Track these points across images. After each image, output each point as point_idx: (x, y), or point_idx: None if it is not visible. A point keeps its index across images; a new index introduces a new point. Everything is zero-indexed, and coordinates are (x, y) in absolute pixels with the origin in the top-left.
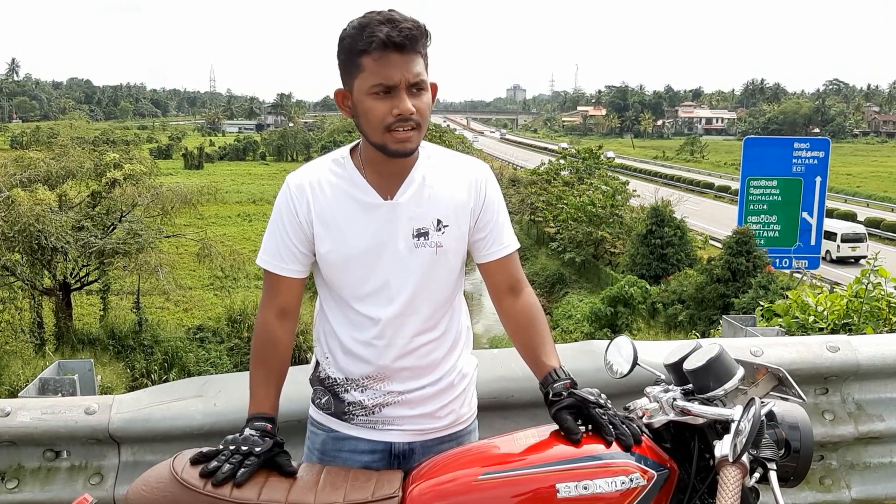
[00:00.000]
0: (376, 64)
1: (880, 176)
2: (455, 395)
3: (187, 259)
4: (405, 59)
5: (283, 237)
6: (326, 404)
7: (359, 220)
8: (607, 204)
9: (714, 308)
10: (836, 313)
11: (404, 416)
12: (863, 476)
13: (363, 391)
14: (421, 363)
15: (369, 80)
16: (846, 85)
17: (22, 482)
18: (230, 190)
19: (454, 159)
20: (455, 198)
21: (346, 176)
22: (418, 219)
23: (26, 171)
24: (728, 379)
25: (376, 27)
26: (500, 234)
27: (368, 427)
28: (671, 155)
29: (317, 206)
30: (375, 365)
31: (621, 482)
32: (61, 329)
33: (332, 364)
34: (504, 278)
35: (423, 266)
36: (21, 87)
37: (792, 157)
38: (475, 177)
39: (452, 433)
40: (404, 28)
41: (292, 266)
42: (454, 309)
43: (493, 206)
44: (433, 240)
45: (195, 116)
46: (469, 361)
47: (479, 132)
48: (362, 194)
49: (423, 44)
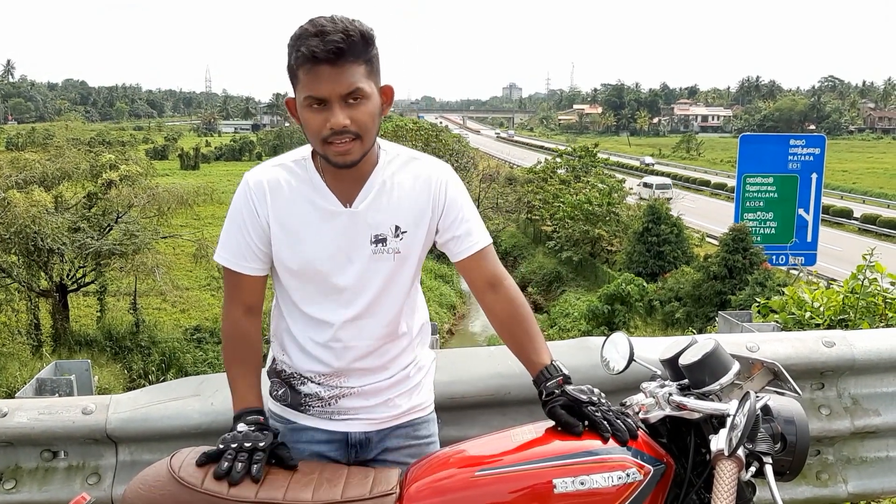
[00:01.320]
0: (307, 78)
1: (876, 172)
2: (410, 385)
3: (184, 260)
4: (335, 72)
5: (243, 235)
6: (283, 396)
7: (317, 226)
8: (604, 202)
9: (711, 305)
10: (832, 309)
11: (360, 407)
12: (859, 470)
13: (319, 385)
14: (376, 362)
15: (303, 92)
16: (841, 82)
17: (19, 482)
18: (226, 190)
19: (415, 162)
20: (414, 203)
21: (307, 178)
22: (377, 226)
23: (22, 173)
24: (723, 374)
25: (306, 40)
26: (468, 232)
27: (325, 418)
28: (667, 153)
29: (275, 207)
30: (332, 367)
31: (618, 477)
32: (58, 331)
33: (287, 360)
34: (480, 274)
35: (381, 272)
36: (16, 88)
37: (788, 154)
38: (435, 179)
39: (408, 420)
40: (330, 41)
41: (254, 265)
42: (410, 308)
43: (456, 206)
44: (391, 246)
45: (191, 117)
46: (426, 355)
47: (476, 131)
48: (322, 200)
49: (360, 51)
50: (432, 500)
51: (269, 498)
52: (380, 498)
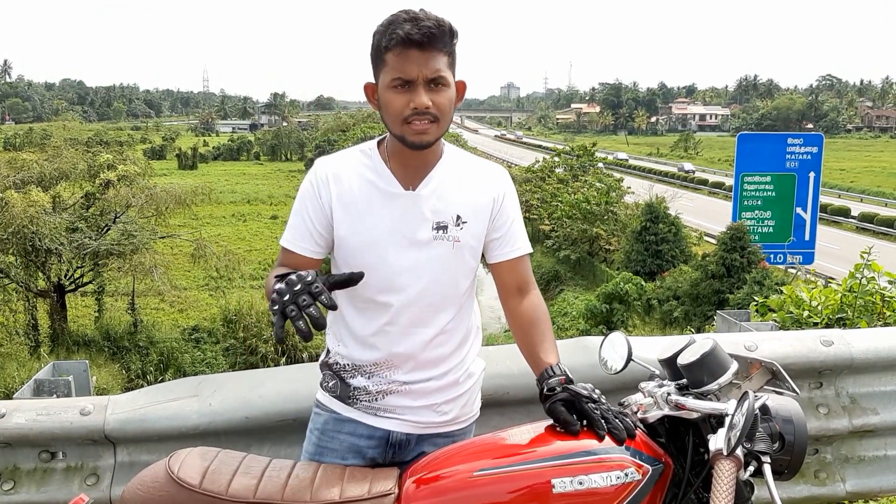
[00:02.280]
0: (397, 59)
1: (874, 171)
2: (459, 392)
3: (182, 260)
4: (424, 56)
5: (303, 217)
6: (333, 388)
7: (379, 206)
8: (602, 201)
9: (709, 304)
10: (830, 308)
11: (406, 407)
12: (857, 469)
13: (369, 377)
14: (428, 356)
15: (390, 74)
16: (839, 80)
17: (18, 483)
18: (224, 190)
19: (477, 163)
20: (475, 198)
21: (371, 166)
22: (438, 212)
23: (19, 173)
24: (722, 373)
25: (399, 25)
26: (513, 237)
27: (370, 413)
28: (665, 151)
29: (339, 191)
30: (385, 351)
31: (616, 477)
32: (56, 331)
33: (342, 350)
34: (514, 279)
35: (439, 258)
36: (13, 88)
37: (786, 153)
38: (497, 180)
39: (450, 430)
40: (424, 26)
41: (309, 245)
42: (465, 306)
43: (509, 210)
44: (451, 234)
45: (189, 117)
46: (476, 363)
47: (474, 130)
48: (384, 183)
49: (447, 42)
50: (431, 500)
51: (268, 498)
52: (378, 498)
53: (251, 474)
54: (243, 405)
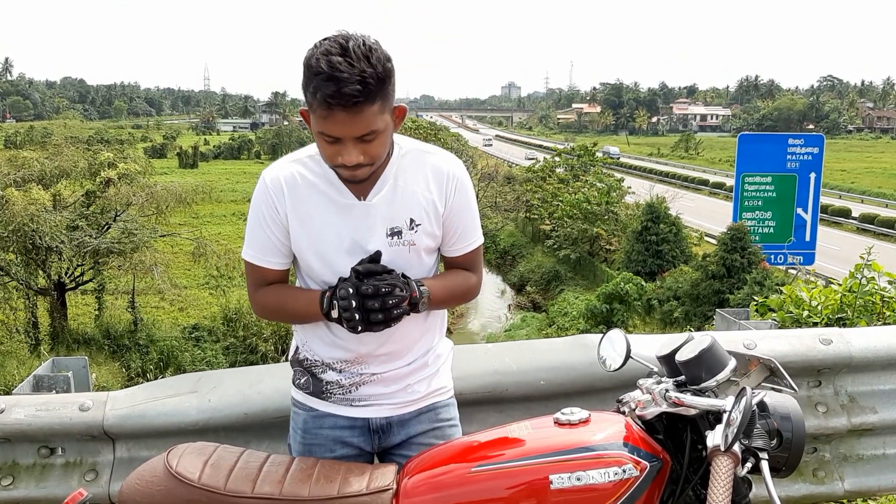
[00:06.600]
0: (322, 120)
1: (874, 172)
2: (429, 372)
3: (182, 258)
4: (351, 118)
5: (265, 232)
6: (305, 384)
7: (334, 219)
8: (602, 201)
9: (709, 304)
10: (830, 308)
11: (380, 394)
12: (856, 468)
13: (340, 372)
14: (396, 348)
15: (317, 126)
16: (840, 81)
17: (17, 479)
18: (225, 189)
19: (427, 156)
20: (427, 197)
21: (321, 173)
22: (392, 218)
23: (20, 171)
24: (720, 370)
25: (322, 85)
26: (465, 233)
27: (346, 405)
28: (666, 152)
29: (292, 202)
30: (353, 352)
31: (614, 473)
32: (56, 329)
33: (310, 349)
34: (461, 265)
35: (397, 264)
36: (14, 86)
37: (786, 154)
38: (446, 176)
39: (428, 405)
40: (347, 93)
41: (278, 259)
42: None
43: (463, 204)
44: (406, 238)
45: (189, 115)
46: (444, 344)
47: (474, 130)
48: (337, 194)
49: (377, 93)
50: (429, 495)
51: (266, 493)
52: (377, 493)
53: (249, 469)
54: (242, 401)
